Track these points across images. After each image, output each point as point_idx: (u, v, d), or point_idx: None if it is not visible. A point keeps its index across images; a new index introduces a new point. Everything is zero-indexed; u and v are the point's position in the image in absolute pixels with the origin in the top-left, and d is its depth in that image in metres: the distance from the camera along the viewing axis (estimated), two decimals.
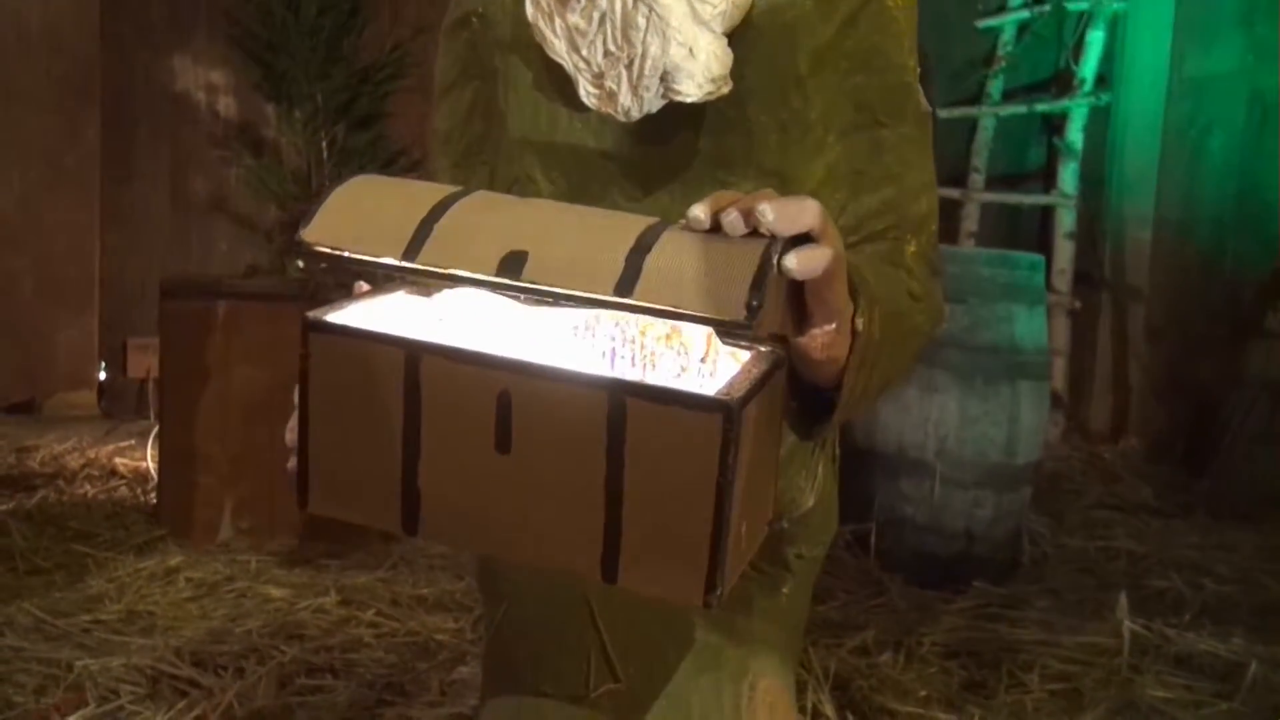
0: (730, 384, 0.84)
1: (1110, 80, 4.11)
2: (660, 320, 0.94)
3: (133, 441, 3.08)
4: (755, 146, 1.09)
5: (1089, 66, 4.02)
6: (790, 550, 1.23)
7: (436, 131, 1.26)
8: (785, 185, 1.09)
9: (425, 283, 1.01)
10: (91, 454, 2.90)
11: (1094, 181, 4.11)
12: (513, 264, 0.85)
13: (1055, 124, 4.23)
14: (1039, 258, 2.74)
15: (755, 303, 0.78)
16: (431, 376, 0.88)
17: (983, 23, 4.31)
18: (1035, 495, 2.84)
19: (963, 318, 2.51)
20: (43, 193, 3.68)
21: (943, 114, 4.28)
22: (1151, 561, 2.78)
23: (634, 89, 1.02)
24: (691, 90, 1.01)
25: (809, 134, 1.09)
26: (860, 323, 0.95)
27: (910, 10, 1.12)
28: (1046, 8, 4.13)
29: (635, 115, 1.03)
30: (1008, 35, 4.27)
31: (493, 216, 0.91)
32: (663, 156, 1.09)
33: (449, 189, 0.96)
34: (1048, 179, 4.28)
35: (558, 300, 0.85)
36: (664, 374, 0.93)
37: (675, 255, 0.82)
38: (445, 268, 0.87)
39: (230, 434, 2.29)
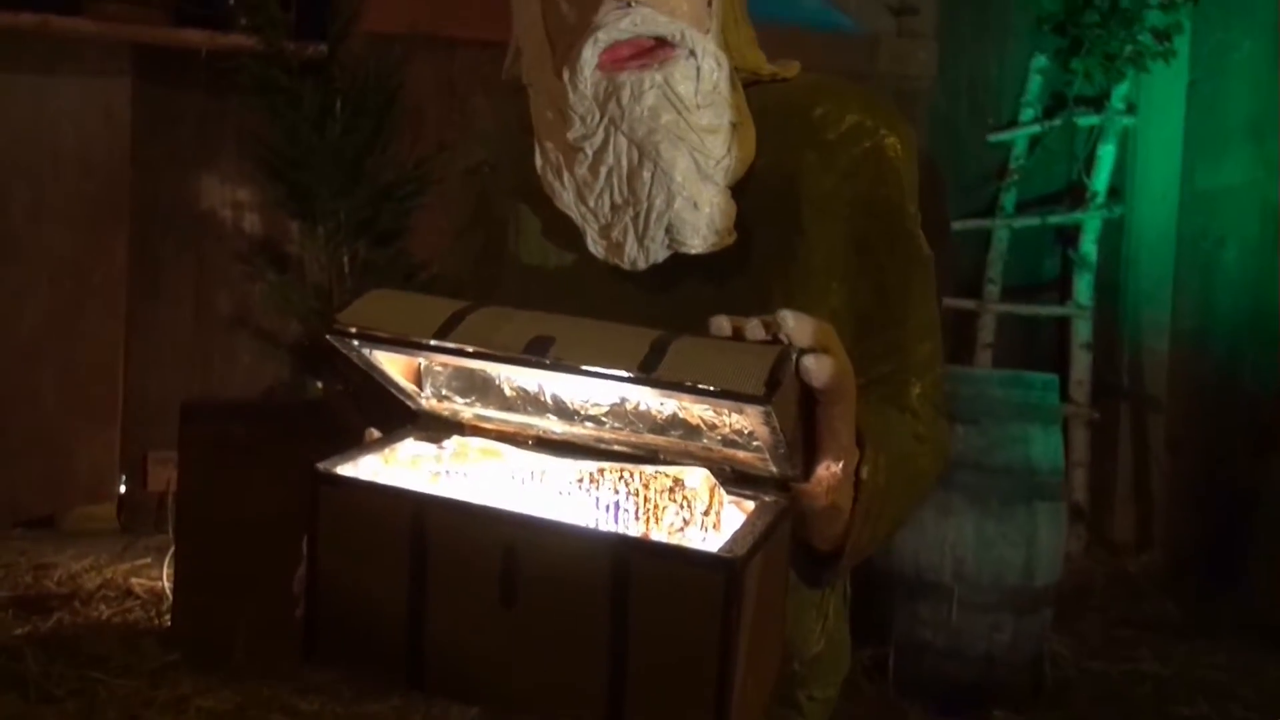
0: (733, 540, 0.85)
1: (1122, 192, 4.15)
2: (665, 468, 0.95)
3: (149, 559, 3.08)
4: (759, 294, 1.11)
5: (1101, 180, 4.06)
6: (801, 693, 1.22)
7: (446, 273, 1.28)
8: None
9: (450, 400, 1.03)
10: (108, 573, 2.91)
11: (1109, 291, 4.13)
12: (540, 346, 0.87)
13: (1069, 235, 4.27)
14: (1053, 377, 2.74)
15: (776, 380, 0.80)
16: (438, 530, 0.89)
17: (994, 136, 4.38)
18: (1058, 612, 2.81)
19: (977, 439, 2.51)
20: (71, 308, 3.74)
21: (957, 226, 4.34)
22: (1177, 685, 2.72)
23: (640, 241, 1.04)
24: (696, 243, 1.04)
25: (812, 280, 1.11)
26: (865, 471, 0.97)
27: (910, 158, 1.15)
28: (1057, 122, 4.19)
29: (641, 266, 1.06)
30: (1019, 149, 4.33)
31: (521, 316, 0.94)
32: (668, 305, 1.11)
33: (477, 302, 0.99)
34: (1063, 289, 4.31)
35: (582, 375, 0.87)
36: (668, 527, 0.94)
37: (698, 346, 0.86)
38: (476, 347, 0.89)
39: (246, 556, 2.29)
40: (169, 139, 3.85)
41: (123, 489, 3.80)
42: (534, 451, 1.02)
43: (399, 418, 2.37)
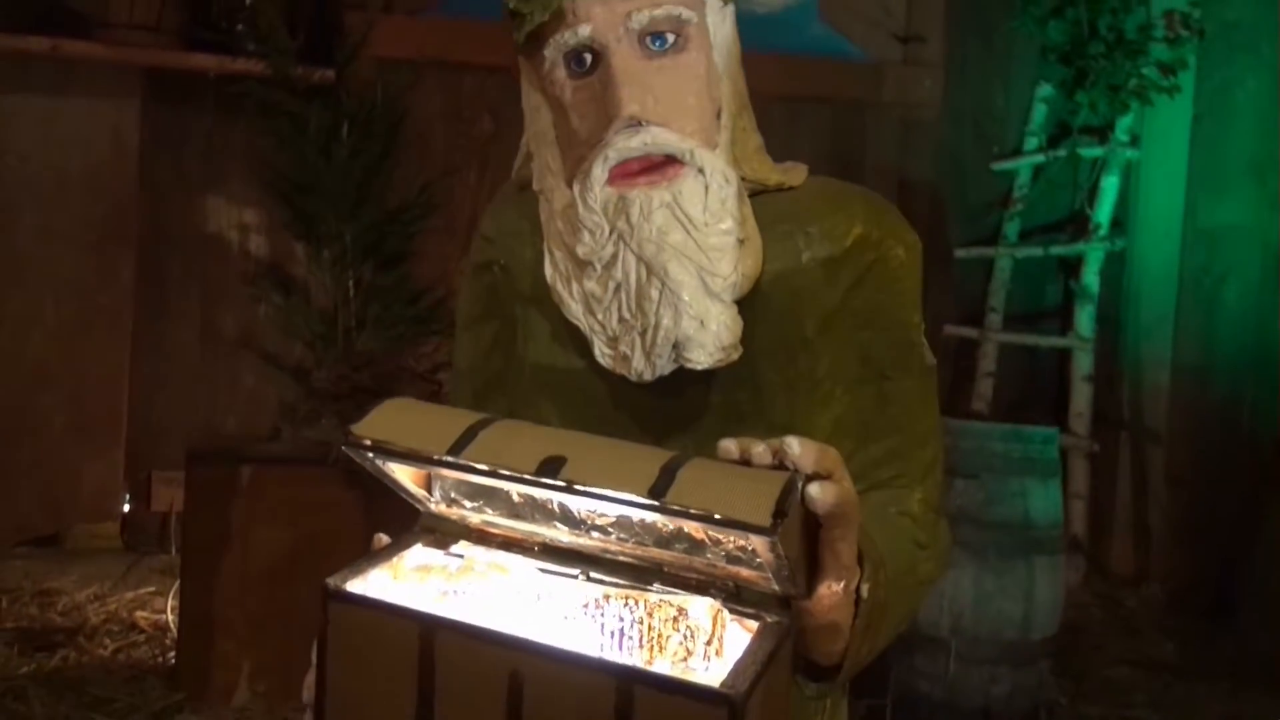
0: (735, 673, 0.87)
1: (1125, 224, 4.17)
2: (669, 594, 0.97)
3: (154, 587, 3.11)
4: (764, 402, 1.13)
5: (1104, 212, 4.08)
6: None
7: (457, 364, 1.30)
8: None
9: (460, 503, 1.05)
10: (113, 604, 2.93)
11: (1111, 323, 4.15)
12: (551, 466, 0.90)
13: (1072, 264, 4.28)
14: (1052, 431, 2.76)
15: (782, 510, 0.82)
16: (445, 652, 0.91)
17: (998, 165, 4.39)
18: (1055, 650, 2.82)
19: (976, 493, 2.53)
20: (77, 330, 3.76)
21: (960, 254, 4.35)
22: None
23: (647, 355, 1.06)
24: (702, 359, 1.06)
25: (817, 389, 1.13)
26: (866, 589, 0.99)
27: (914, 267, 1.17)
28: (1061, 152, 4.21)
29: (648, 378, 1.07)
30: (1023, 178, 4.35)
31: (533, 432, 0.97)
32: (675, 410, 1.13)
33: (490, 415, 1.01)
34: (1064, 318, 4.33)
35: (593, 497, 0.89)
36: (671, 656, 0.96)
37: (706, 471, 0.88)
38: (488, 464, 0.91)
39: (250, 597, 2.32)
40: (177, 161, 3.87)
41: (126, 508, 3.82)
42: (540, 559, 1.04)
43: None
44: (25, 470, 3.70)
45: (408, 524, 1.11)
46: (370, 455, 0.98)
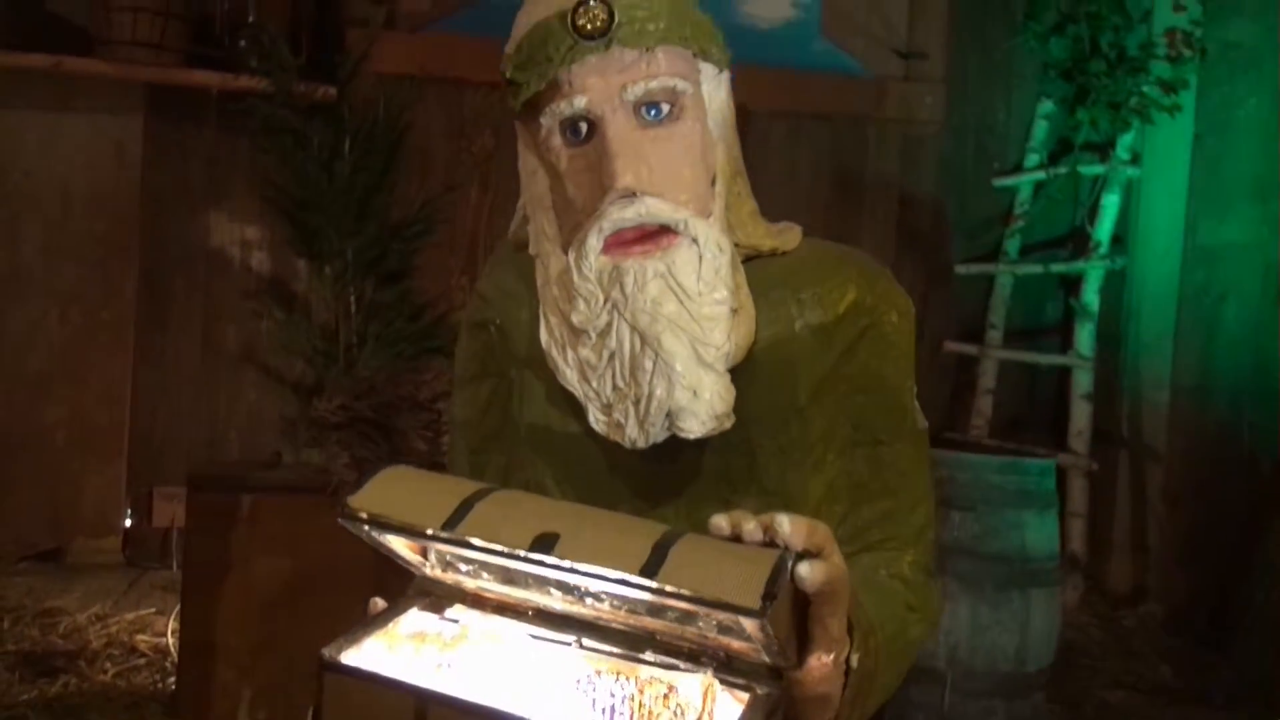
0: None
1: (1126, 241, 4.17)
2: (660, 672, 0.98)
3: (155, 608, 3.12)
4: (757, 468, 1.14)
5: (1104, 230, 4.08)
6: None
7: (455, 418, 1.31)
8: (788, 504, 1.15)
9: (456, 567, 1.06)
10: (114, 626, 2.95)
11: (1111, 340, 4.15)
12: (545, 544, 0.91)
13: (1072, 281, 4.29)
14: (1049, 462, 2.77)
15: (771, 595, 0.84)
16: None
17: (999, 181, 4.40)
18: (1053, 672, 2.83)
19: (973, 525, 2.54)
20: (79, 345, 3.78)
21: (960, 270, 4.36)
22: None
23: (641, 424, 1.07)
24: (695, 428, 1.07)
25: (809, 455, 1.14)
26: (856, 659, 1.00)
27: (907, 332, 1.18)
28: (1062, 169, 4.21)
29: (642, 445, 1.08)
30: (1024, 194, 4.35)
31: (527, 506, 0.98)
32: (669, 474, 1.14)
33: (487, 484, 1.03)
34: (1064, 334, 4.33)
35: (585, 576, 0.90)
36: None
37: (697, 550, 0.90)
38: (482, 540, 0.92)
39: (250, 625, 2.33)
40: (179, 176, 3.88)
41: (128, 523, 3.83)
42: (535, 624, 1.05)
43: None
44: (28, 485, 3.71)
45: (404, 568, 1.12)
46: (366, 528, 0.99)
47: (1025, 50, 4.27)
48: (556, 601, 1.04)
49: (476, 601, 1.08)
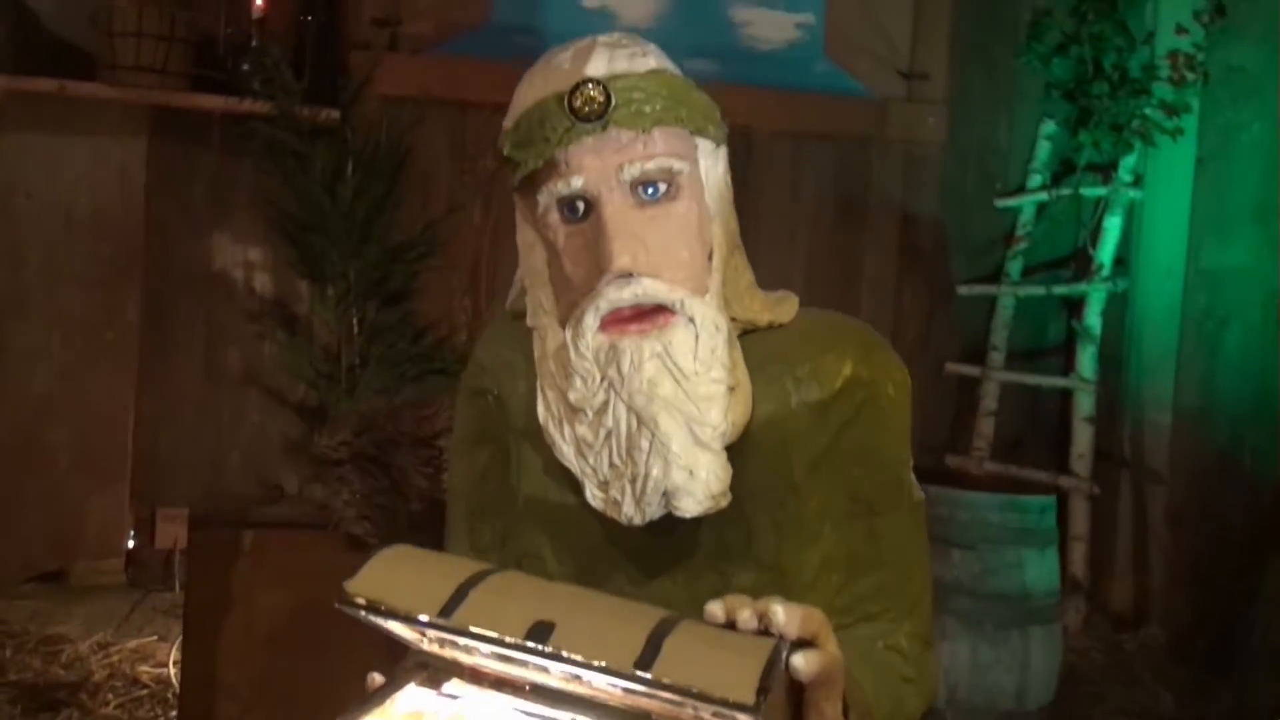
0: None
1: (1128, 264, 4.17)
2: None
3: (157, 635, 3.13)
4: (754, 542, 1.14)
5: (1106, 252, 4.08)
6: None
7: (452, 485, 1.32)
8: (784, 577, 1.15)
9: (454, 643, 1.07)
10: (116, 655, 2.95)
11: (1113, 362, 4.15)
12: (540, 632, 0.92)
13: (1074, 302, 4.29)
14: (1049, 500, 2.77)
15: (765, 689, 0.84)
16: None
17: (1002, 202, 4.40)
18: (1053, 699, 2.83)
19: (973, 564, 2.54)
20: (83, 367, 3.79)
21: (962, 291, 4.36)
22: None
23: (637, 502, 1.08)
24: (691, 507, 1.07)
25: (805, 528, 1.15)
26: None
27: (904, 404, 1.18)
28: (1065, 191, 4.21)
29: (638, 523, 1.09)
30: (1026, 215, 4.35)
31: (523, 590, 0.99)
32: (666, 547, 1.15)
33: (483, 565, 1.04)
34: (1067, 355, 4.33)
35: (580, 667, 0.91)
36: None
37: (692, 640, 0.90)
38: (476, 628, 0.93)
39: (252, 660, 2.34)
40: (182, 199, 3.89)
41: (131, 544, 3.84)
42: (531, 701, 1.06)
43: (400, 529, 2.40)
44: (31, 507, 3.72)
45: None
46: (363, 613, 1.00)
47: (1028, 71, 4.27)
48: (554, 679, 1.04)
49: (474, 676, 1.09)
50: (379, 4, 4.01)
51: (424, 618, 0.97)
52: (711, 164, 1.16)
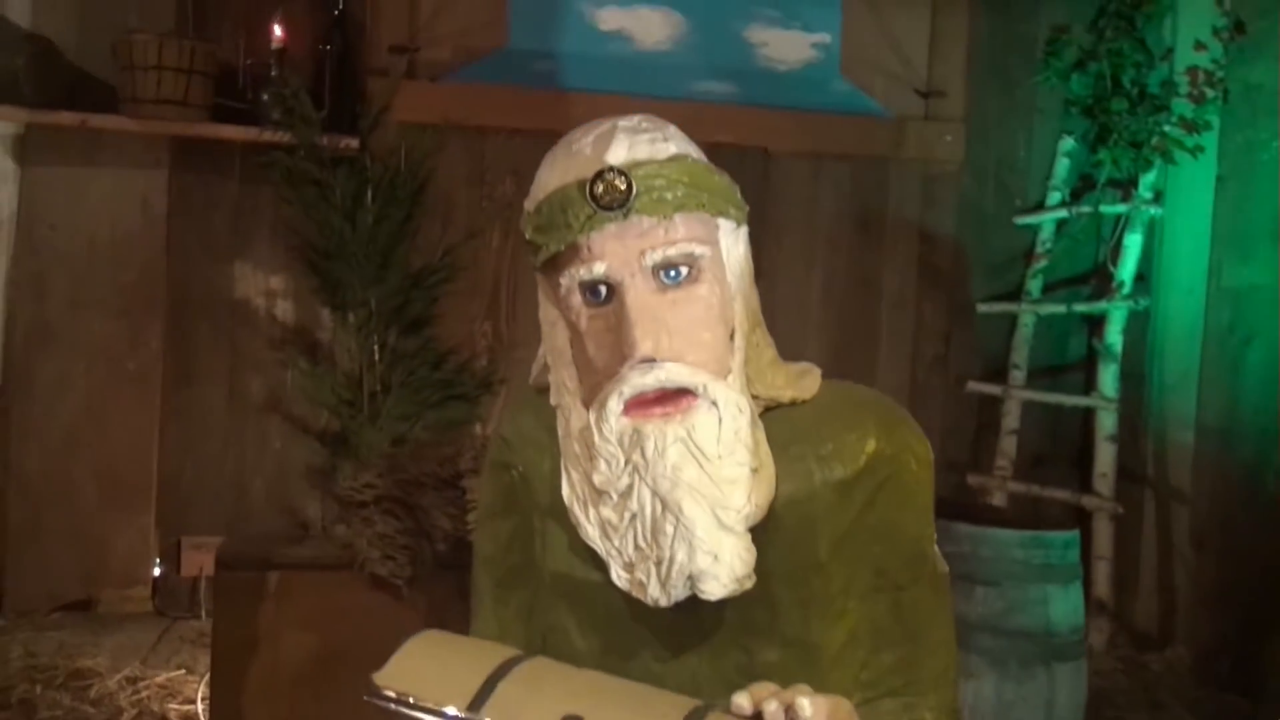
0: None
1: (1149, 280, 4.15)
2: None
3: (184, 669, 3.15)
4: (779, 619, 1.15)
5: (1127, 269, 4.07)
6: None
7: (479, 552, 1.33)
8: (809, 653, 1.16)
9: None
10: (144, 691, 2.97)
11: (1135, 379, 4.13)
12: None
13: (1095, 320, 4.27)
14: (1073, 534, 2.76)
15: None
16: None
17: (1021, 219, 4.39)
18: None
19: (996, 601, 2.54)
20: (106, 396, 3.82)
21: (982, 309, 4.35)
22: None
23: (663, 585, 1.09)
24: (717, 590, 1.08)
25: (830, 605, 1.15)
26: None
27: (927, 480, 1.18)
28: (1085, 208, 4.19)
29: (664, 604, 1.10)
30: (1046, 232, 4.34)
31: (551, 681, 1.00)
32: (691, 624, 1.15)
33: (512, 651, 1.05)
34: (1088, 371, 4.32)
35: None
36: None
37: None
38: None
39: (279, 701, 2.36)
40: (204, 228, 3.92)
41: (156, 572, 3.87)
42: None
43: (425, 569, 2.40)
44: (58, 537, 3.75)
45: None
46: (393, 705, 1.01)
47: (1046, 87, 4.26)
48: None
49: None
50: (396, 31, 4.02)
51: (453, 711, 0.98)
52: (732, 243, 1.16)
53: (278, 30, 3.79)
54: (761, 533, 1.11)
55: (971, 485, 4.23)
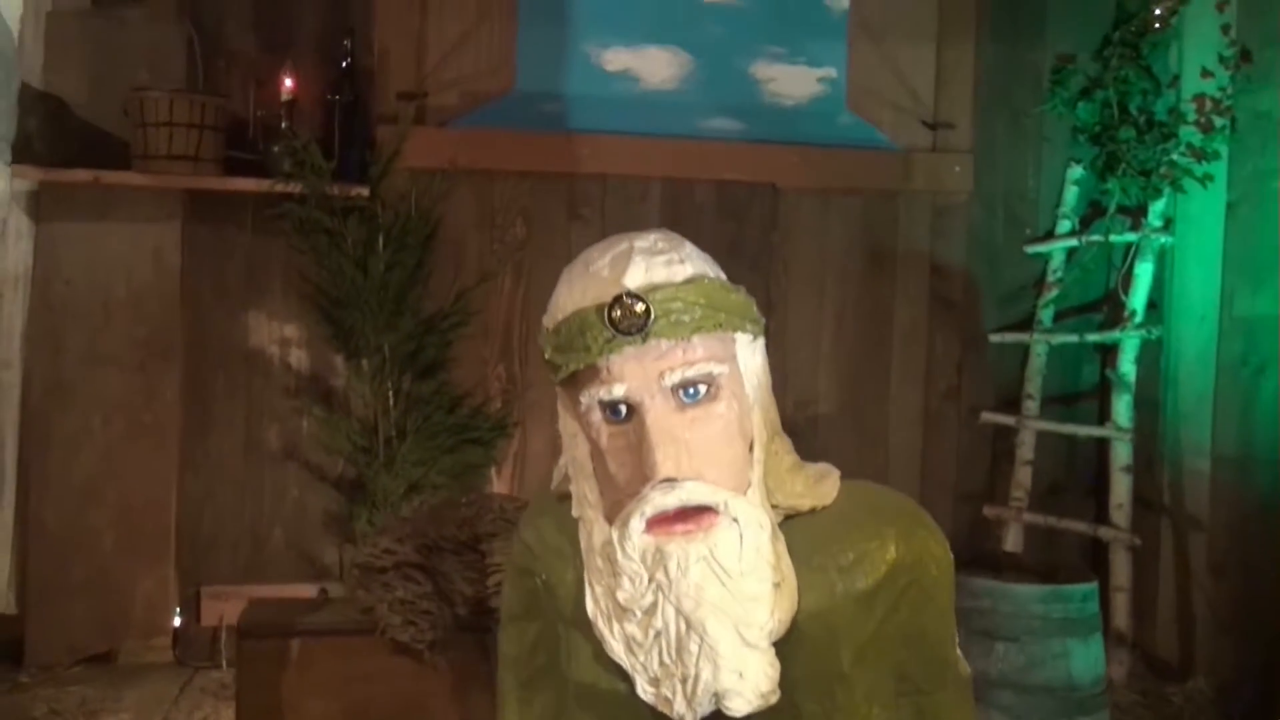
0: None
1: (1161, 307, 4.15)
2: None
3: (205, 716, 3.16)
4: None
5: (1138, 298, 4.06)
6: None
7: (503, 652, 1.33)
8: None
9: None
10: None
11: (1149, 407, 4.13)
12: None
13: (1107, 348, 4.27)
14: (1092, 586, 2.76)
15: None
16: None
17: (1031, 248, 4.39)
18: None
19: (1016, 657, 2.54)
20: (125, 449, 3.84)
21: (994, 339, 4.35)
22: None
23: (688, 702, 1.10)
24: (742, 707, 1.09)
25: (854, 714, 1.16)
26: None
27: (947, 584, 1.19)
28: (1096, 237, 4.19)
29: None
30: (1057, 261, 4.34)
31: None
32: None
33: None
34: (1102, 400, 4.31)
35: None
36: None
37: None
38: None
39: None
40: (218, 280, 3.95)
41: (177, 622, 3.89)
42: None
43: (445, 630, 2.41)
44: (78, 590, 3.77)
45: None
46: None
47: (1052, 116, 4.26)
48: None
49: None
50: (404, 78, 4.05)
51: None
52: (749, 355, 1.17)
53: (288, 82, 3.82)
54: (784, 645, 1.12)
55: (988, 517, 4.22)
